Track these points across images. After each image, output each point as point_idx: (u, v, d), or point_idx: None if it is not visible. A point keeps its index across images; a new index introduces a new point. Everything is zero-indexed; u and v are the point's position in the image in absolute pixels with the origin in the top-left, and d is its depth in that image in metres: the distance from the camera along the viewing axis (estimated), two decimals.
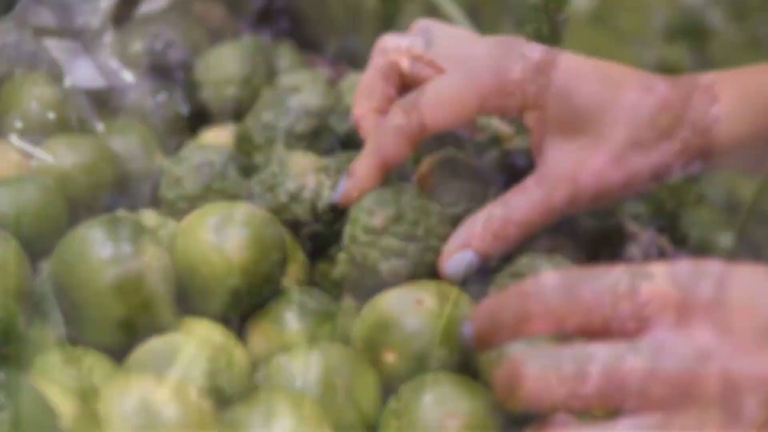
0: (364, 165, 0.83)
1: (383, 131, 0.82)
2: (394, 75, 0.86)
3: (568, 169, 0.78)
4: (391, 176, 0.92)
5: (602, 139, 0.78)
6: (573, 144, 0.78)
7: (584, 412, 0.58)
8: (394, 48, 0.86)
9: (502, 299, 0.63)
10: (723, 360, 0.55)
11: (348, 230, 0.82)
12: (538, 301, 0.60)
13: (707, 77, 0.81)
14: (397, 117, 0.81)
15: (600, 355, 0.57)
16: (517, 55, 0.79)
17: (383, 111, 0.85)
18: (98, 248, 0.67)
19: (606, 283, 0.59)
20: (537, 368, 0.57)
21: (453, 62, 0.82)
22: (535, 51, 0.79)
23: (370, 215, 0.80)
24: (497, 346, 0.64)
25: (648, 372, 0.55)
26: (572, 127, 0.78)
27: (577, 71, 0.79)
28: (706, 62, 1.20)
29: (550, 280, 0.61)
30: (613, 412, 0.56)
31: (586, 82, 0.78)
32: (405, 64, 0.85)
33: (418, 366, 0.70)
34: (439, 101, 0.80)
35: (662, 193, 1.24)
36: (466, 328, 0.66)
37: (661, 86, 0.79)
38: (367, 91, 0.87)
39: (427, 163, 0.89)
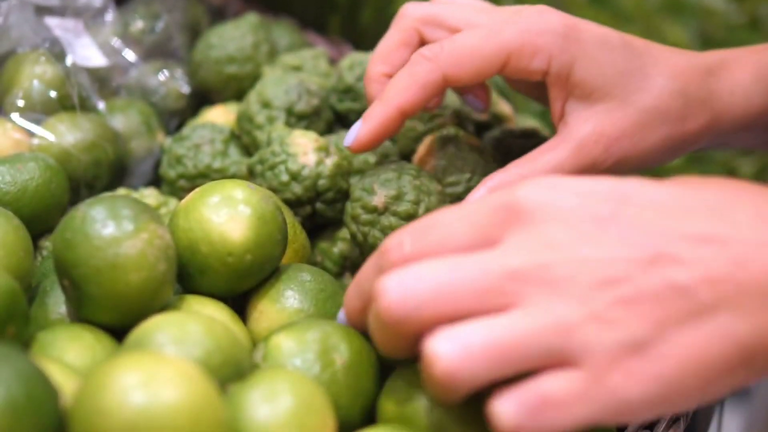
0: (379, 110, 0.80)
1: (403, 77, 0.80)
2: (413, 42, 0.84)
3: (593, 131, 0.77)
4: (392, 155, 0.92)
5: (627, 104, 0.78)
6: (597, 108, 0.78)
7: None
8: (416, 15, 0.84)
9: (361, 271, 0.65)
10: (567, 250, 0.56)
11: (349, 209, 0.82)
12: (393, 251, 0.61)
13: (723, 53, 0.82)
14: (418, 64, 0.79)
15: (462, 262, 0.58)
16: (544, 18, 0.78)
17: None
18: (99, 226, 0.67)
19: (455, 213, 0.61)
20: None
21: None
22: (561, 15, 0.79)
23: (370, 194, 0.80)
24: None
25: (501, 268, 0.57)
26: (597, 90, 0.78)
27: (603, 37, 0.78)
28: (705, 42, 1.19)
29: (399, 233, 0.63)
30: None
31: (612, 47, 0.78)
32: (427, 31, 0.83)
33: None
34: (463, 53, 0.78)
35: (660, 171, 1.24)
36: (339, 317, 0.69)
37: (682, 58, 0.80)
38: (384, 55, 0.85)
39: (427, 142, 0.89)
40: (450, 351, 0.55)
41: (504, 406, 0.55)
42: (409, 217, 0.78)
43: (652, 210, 0.57)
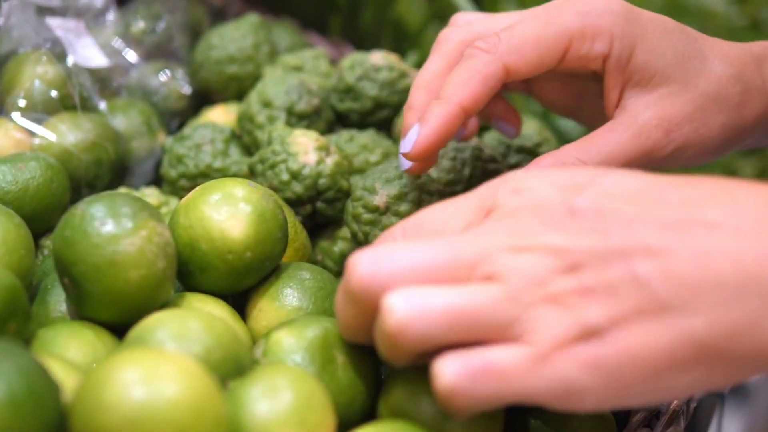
0: (440, 110, 0.74)
1: (461, 72, 0.74)
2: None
3: (655, 114, 0.75)
4: (393, 154, 0.92)
5: (688, 89, 0.76)
6: (658, 92, 0.76)
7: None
8: (458, 38, 0.79)
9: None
10: (535, 236, 0.58)
11: (350, 208, 0.82)
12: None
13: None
14: (476, 57, 0.74)
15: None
16: (603, 0, 0.76)
17: None
18: (98, 224, 0.67)
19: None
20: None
21: None
22: (618, 1, 0.76)
23: (372, 194, 0.80)
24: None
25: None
26: (659, 74, 0.76)
27: (660, 20, 0.77)
28: None
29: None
30: None
31: (670, 31, 0.76)
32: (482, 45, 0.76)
33: None
34: (524, 40, 0.74)
35: (663, 172, 1.24)
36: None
37: (733, 46, 0.79)
38: (427, 82, 0.79)
39: None
40: (406, 306, 0.56)
41: (446, 366, 0.56)
42: None
43: (618, 198, 0.58)
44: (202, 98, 1.09)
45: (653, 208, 0.57)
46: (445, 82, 0.75)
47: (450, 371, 0.56)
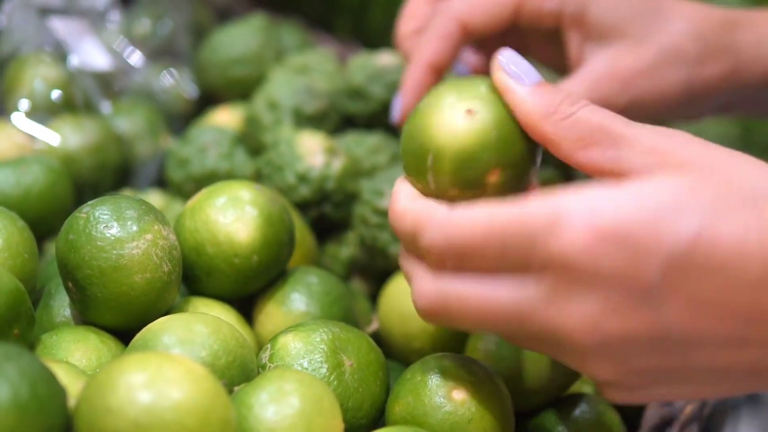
0: (411, 73, 0.81)
1: (424, 36, 0.81)
2: None
3: (609, 66, 0.77)
4: None
5: (644, 43, 0.77)
6: (614, 47, 0.77)
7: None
8: None
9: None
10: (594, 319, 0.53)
11: (358, 211, 0.81)
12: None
13: (749, 11, 0.81)
14: (435, 17, 0.80)
15: None
16: None
17: None
18: (102, 227, 0.66)
19: None
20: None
21: None
22: None
23: (380, 197, 0.80)
24: None
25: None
26: (614, 29, 0.77)
27: None
28: None
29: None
30: None
31: None
32: None
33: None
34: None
35: None
36: None
37: (702, 7, 0.79)
38: (411, 12, 0.86)
39: None
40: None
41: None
42: None
43: (711, 280, 0.52)
44: (207, 100, 1.08)
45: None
46: (415, 45, 0.82)
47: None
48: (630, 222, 0.51)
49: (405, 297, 0.74)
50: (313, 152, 0.85)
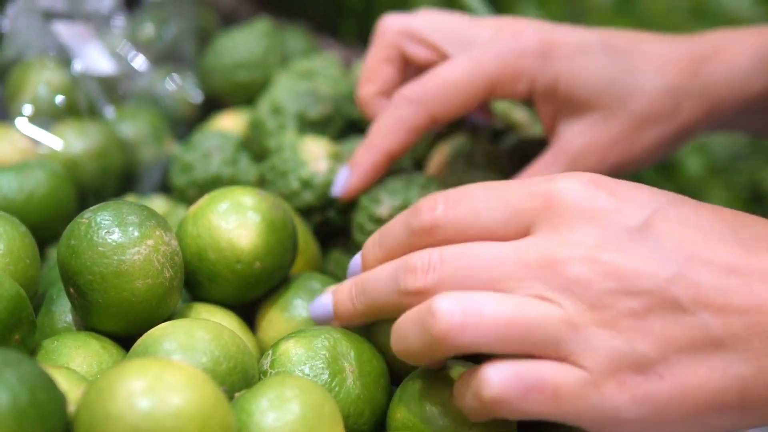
0: (365, 157, 0.81)
1: (388, 121, 0.80)
2: (396, 57, 0.84)
3: (587, 143, 0.78)
4: (402, 163, 0.91)
5: (618, 111, 0.78)
6: (588, 119, 0.78)
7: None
8: (395, 29, 0.84)
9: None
10: (590, 251, 0.56)
11: (356, 219, 0.81)
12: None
13: (718, 37, 0.81)
14: (403, 107, 0.79)
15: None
16: (520, 40, 0.78)
17: (387, 93, 0.84)
18: (104, 233, 0.66)
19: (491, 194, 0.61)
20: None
21: (456, 45, 0.81)
22: (536, 31, 0.78)
23: (377, 204, 0.80)
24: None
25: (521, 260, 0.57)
26: (585, 103, 0.78)
27: (582, 45, 0.78)
28: None
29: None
30: None
31: (593, 55, 0.78)
32: (407, 46, 0.83)
33: None
34: (445, 89, 0.78)
35: (683, 181, 1.23)
36: (352, 264, 0.70)
37: (672, 48, 0.80)
38: (369, 74, 0.85)
39: (440, 152, 0.88)
40: (453, 308, 0.56)
41: (496, 373, 0.55)
42: None
43: (684, 229, 0.57)
44: (212, 105, 1.08)
45: (711, 243, 0.56)
46: (373, 128, 0.80)
47: (499, 380, 0.55)
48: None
49: None
50: (317, 158, 0.85)
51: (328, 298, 0.69)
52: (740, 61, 0.80)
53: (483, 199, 0.61)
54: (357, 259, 0.69)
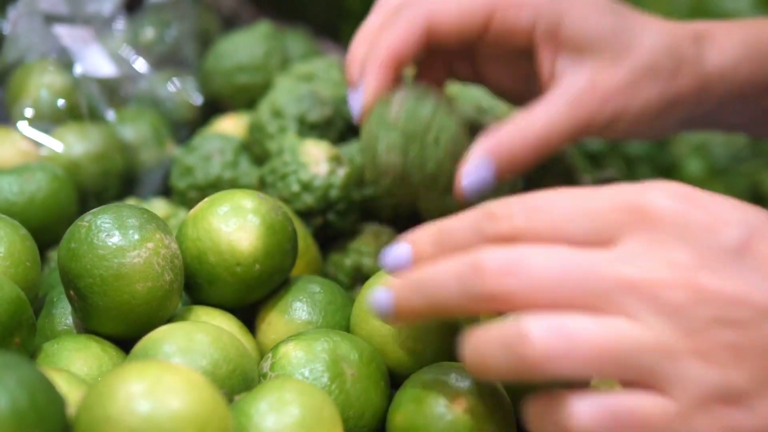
0: (371, 68, 0.77)
1: (388, 25, 0.78)
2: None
3: (588, 83, 0.77)
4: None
5: (619, 60, 0.77)
6: (590, 63, 0.77)
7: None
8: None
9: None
10: (687, 273, 0.53)
11: (366, 122, 0.79)
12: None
13: (710, 24, 0.82)
14: (403, 8, 0.78)
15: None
16: None
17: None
18: (104, 236, 0.66)
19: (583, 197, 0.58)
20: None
21: None
22: None
23: (387, 106, 0.77)
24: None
25: (618, 276, 0.54)
26: (589, 46, 0.77)
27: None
28: None
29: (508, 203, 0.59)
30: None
31: (600, 5, 0.78)
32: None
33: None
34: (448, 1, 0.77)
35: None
36: (400, 252, 0.62)
37: (669, 21, 0.80)
38: (366, 36, 0.81)
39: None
40: (548, 335, 0.53)
41: (583, 407, 0.53)
42: (412, 137, 0.76)
43: None
44: (213, 108, 1.08)
45: None
46: (375, 38, 0.78)
47: (587, 415, 0.53)
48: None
49: None
50: (317, 160, 0.85)
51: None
52: (729, 49, 0.80)
53: (566, 208, 0.57)
54: (402, 252, 0.62)
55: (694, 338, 0.52)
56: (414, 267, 0.61)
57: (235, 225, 0.72)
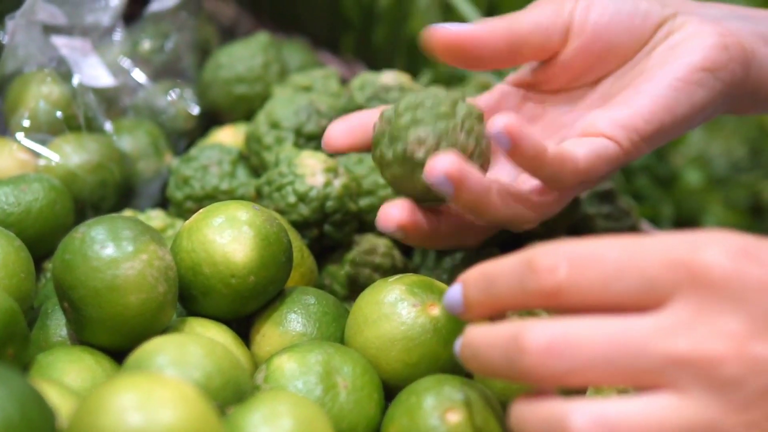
0: None
1: None
2: None
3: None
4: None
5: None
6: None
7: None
8: None
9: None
10: (742, 344, 0.51)
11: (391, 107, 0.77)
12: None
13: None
14: None
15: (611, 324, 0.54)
16: None
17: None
18: (98, 247, 0.66)
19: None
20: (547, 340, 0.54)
21: None
22: None
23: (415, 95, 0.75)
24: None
25: (662, 347, 0.52)
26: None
27: None
28: None
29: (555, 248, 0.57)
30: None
31: None
32: None
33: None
34: None
35: (682, 194, 1.23)
36: (451, 295, 0.61)
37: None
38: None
39: None
40: (590, 427, 0.52)
41: None
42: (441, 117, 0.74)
43: None
44: (211, 118, 1.08)
45: None
46: None
47: None
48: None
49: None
50: (313, 172, 0.85)
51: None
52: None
53: (614, 264, 0.55)
54: (456, 297, 0.61)
55: (746, 411, 0.51)
56: (465, 315, 0.61)
57: (230, 236, 0.72)
